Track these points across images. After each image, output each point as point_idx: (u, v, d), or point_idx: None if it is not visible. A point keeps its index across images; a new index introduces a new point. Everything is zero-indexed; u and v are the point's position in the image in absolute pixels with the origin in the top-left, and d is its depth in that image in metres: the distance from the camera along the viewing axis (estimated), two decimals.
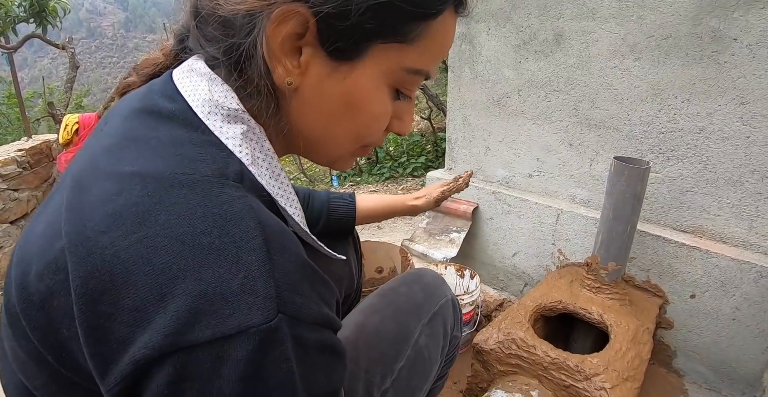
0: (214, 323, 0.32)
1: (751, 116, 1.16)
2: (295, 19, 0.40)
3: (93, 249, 0.34)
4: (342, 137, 0.49)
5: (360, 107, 0.46)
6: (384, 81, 0.46)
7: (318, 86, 0.44)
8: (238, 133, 0.42)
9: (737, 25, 1.13)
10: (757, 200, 1.20)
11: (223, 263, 0.33)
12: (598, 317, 1.16)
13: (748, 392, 1.27)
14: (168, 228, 0.34)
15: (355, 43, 0.42)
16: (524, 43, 1.55)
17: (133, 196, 0.35)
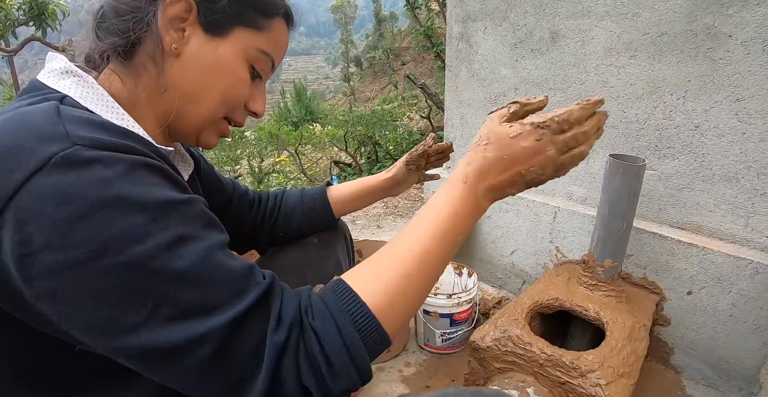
0: (19, 170, 0.40)
1: (746, 113, 1.16)
2: (181, 2, 0.56)
3: None
4: (211, 97, 0.61)
5: (225, 70, 0.60)
6: (243, 56, 0.61)
7: (196, 53, 0.59)
8: (69, 83, 0.54)
9: (732, 22, 1.13)
10: (753, 197, 1.20)
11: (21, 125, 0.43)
12: (595, 314, 1.16)
13: (745, 388, 1.28)
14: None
15: (223, 23, 0.59)
16: (520, 41, 1.55)
17: None
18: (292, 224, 0.99)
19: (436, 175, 1.12)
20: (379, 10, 28.56)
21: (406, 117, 5.99)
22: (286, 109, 20.53)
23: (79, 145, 0.42)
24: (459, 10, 1.71)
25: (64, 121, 0.44)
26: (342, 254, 1.02)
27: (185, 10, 0.57)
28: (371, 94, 22.86)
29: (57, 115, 0.44)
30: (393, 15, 28.67)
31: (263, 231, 0.98)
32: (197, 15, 0.58)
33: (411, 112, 6.09)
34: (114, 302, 0.41)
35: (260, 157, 7.13)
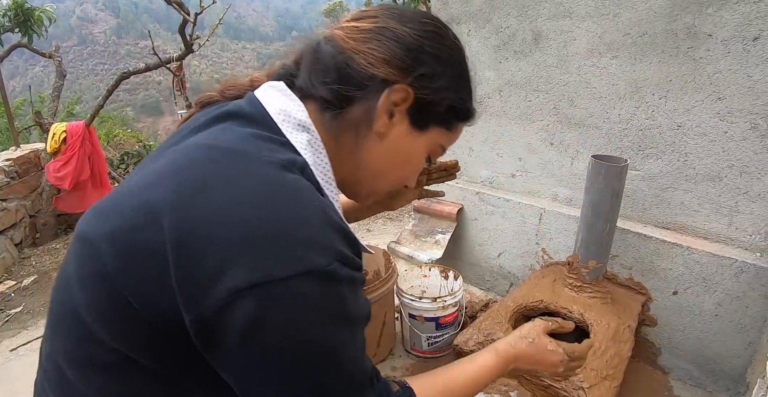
0: (288, 265, 0.43)
1: (727, 112, 1.16)
2: (404, 93, 0.58)
3: (190, 200, 0.45)
4: (390, 178, 0.66)
5: (412, 161, 0.66)
6: (428, 149, 0.66)
7: (395, 139, 0.61)
8: (305, 140, 0.56)
9: (711, 21, 1.14)
10: (736, 195, 1.20)
11: (296, 219, 0.45)
12: (579, 316, 1.16)
13: (732, 388, 1.27)
14: (252, 189, 0.46)
15: (428, 121, 0.62)
16: (504, 43, 1.55)
17: (226, 165, 0.48)
18: None
19: (440, 192, 1.09)
20: None
21: None
22: None
23: (338, 262, 0.47)
24: (443, 13, 1.71)
25: (330, 228, 0.48)
26: None
27: (403, 99, 0.59)
28: None
29: (326, 218, 0.48)
30: None
31: None
32: (408, 107, 0.60)
33: None
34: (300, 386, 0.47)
35: None
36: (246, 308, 0.42)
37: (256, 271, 0.42)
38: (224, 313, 0.42)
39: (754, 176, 1.16)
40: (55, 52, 3.57)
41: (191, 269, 0.43)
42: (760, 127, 1.13)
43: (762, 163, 1.15)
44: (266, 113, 0.56)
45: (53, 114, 3.46)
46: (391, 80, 0.57)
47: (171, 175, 0.48)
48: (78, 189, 3.28)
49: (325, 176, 0.58)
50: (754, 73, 1.11)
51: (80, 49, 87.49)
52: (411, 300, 1.34)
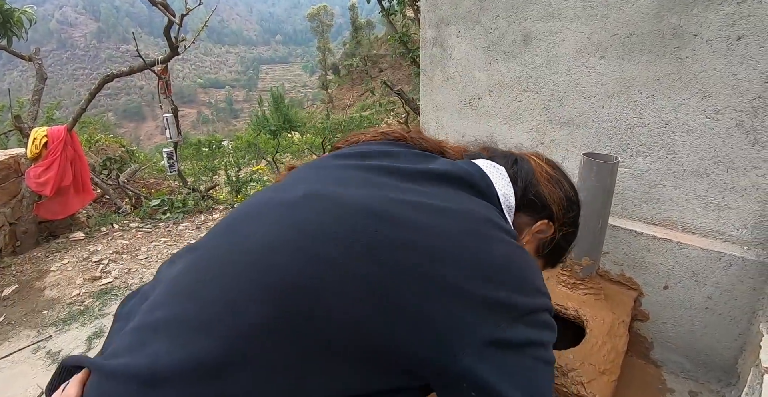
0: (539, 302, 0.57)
1: (713, 109, 1.19)
2: (549, 228, 0.74)
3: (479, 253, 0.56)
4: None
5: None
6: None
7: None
8: (511, 223, 0.68)
9: (697, 21, 1.16)
10: (723, 191, 1.23)
11: (533, 276, 0.59)
12: (574, 312, 1.17)
13: (724, 379, 1.30)
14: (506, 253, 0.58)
15: (545, 254, 0.78)
16: (493, 44, 1.56)
17: (471, 224, 0.58)
18: None
19: None
20: (356, 17, 28.69)
21: (384, 123, 6.01)
22: (263, 118, 20.38)
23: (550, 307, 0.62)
24: (432, 14, 1.72)
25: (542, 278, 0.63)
26: None
27: (547, 234, 0.75)
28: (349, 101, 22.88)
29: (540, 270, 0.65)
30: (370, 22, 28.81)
31: None
32: (543, 240, 0.75)
33: (389, 118, 6.10)
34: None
35: (237, 166, 7.05)
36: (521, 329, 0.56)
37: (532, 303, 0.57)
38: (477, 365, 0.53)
39: (740, 172, 1.19)
40: (35, 55, 3.50)
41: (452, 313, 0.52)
42: (745, 124, 1.15)
43: (747, 159, 1.17)
44: (495, 193, 0.68)
45: (33, 118, 3.39)
46: (554, 217, 0.73)
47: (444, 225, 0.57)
48: (60, 195, 3.21)
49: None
50: (738, 72, 1.13)
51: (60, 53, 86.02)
52: None
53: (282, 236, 0.54)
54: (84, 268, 2.97)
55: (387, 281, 0.50)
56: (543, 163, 0.78)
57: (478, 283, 0.53)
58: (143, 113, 71.78)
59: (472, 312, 0.51)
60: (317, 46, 37.70)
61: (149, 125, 67.44)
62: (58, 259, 3.11)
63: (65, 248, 3.30)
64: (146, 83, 66.17)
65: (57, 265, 3.02)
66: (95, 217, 3.87)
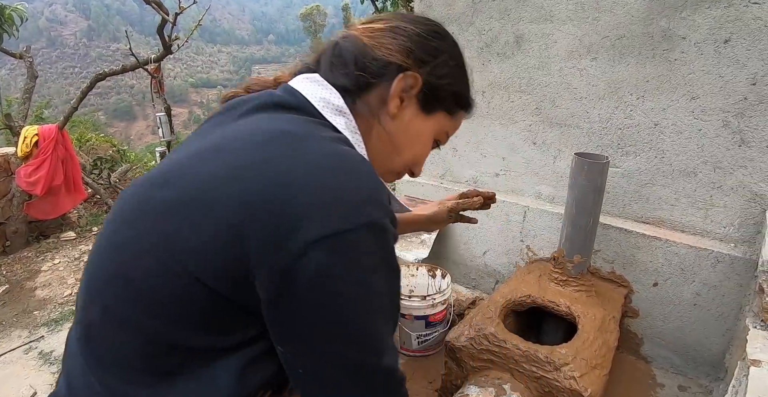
0: (352, 219, 0.51)
1: (701, 110, 1.22)
2: (413, 79, 0.66)
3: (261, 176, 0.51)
4: (402, 157, 0.73)
5: (423, 141, 0.73)
6: (434, 133, 0.74)
7: (405, 120, 0.70)
8: (342, 122, 0.65)
9: (685, 25, 1.19)
10: (711, 190, 1.26)
11: (358, 181, 0.54)
12: (566, 309, 1.19)
13: (712, 374, 1.33)
14: (318, 159, 0.53)
15: (435, 106, 0.71)
16: (486, 45, 1.58)
17: (284, 143, 0.55)
18: None
19: (473, 218, 1.19)
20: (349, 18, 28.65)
21: None
22: None
23: (388, 218, 0.55)
24: (427, 16, 1.73)
25: (383, 191, 0.57)
26: None
27: (413, 85, 0.68)
28: None
29: (380, 183, 0.57)
30: None
31: None
32: (418, 92, 0.69)
33: None
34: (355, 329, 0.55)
35: None
36: (317, 257, 0.49)
37: (327, 225, 0.50)
38: (298, 262, 0.49)
39: (726, 171, 1.22)
40: (25, 53, 3.48)
41: (268, 228, 0.50)
42: (732, 125, 1.18)
43: (734, 158, 1.20)
44: (307, 101, 0.64)
45: (23, 117, 3.37)
46: (405, 67, 0.66)
47: (230, 152, 0.55)
48: (51, 194, 3.18)
49: (361, 149, 0.66)
50: (725, 74, 1.16)
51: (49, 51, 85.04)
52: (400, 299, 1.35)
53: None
54: (75, 268, 2.95)
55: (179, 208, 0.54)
56: (368, 25, 0.71)
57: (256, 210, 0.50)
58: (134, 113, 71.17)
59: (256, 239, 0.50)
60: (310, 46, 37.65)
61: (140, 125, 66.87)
62: (49, 259, 3.10)
63: (56, 248, 3.28)
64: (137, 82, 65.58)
65: (48, 265, 3.00)
66: (86, 217, 3.85)
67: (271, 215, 0.50)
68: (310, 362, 0.56)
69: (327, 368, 0.56)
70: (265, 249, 0.50)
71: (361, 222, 0.51)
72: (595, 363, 1.01)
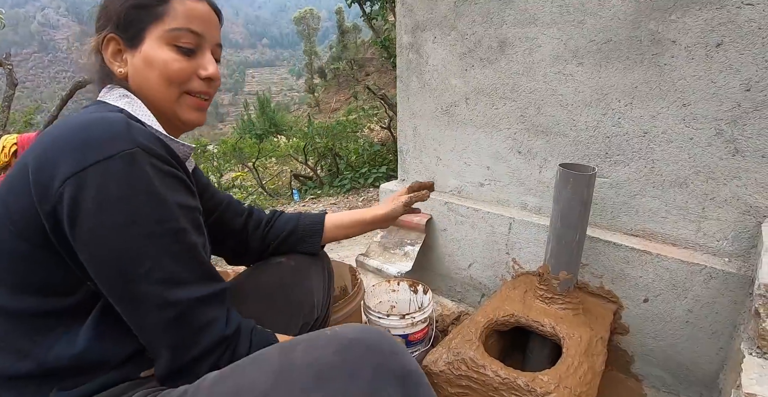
0: (96, 154, 0.59)
1: (692, 118, 1.16)
2: (110, 41, 0.75)
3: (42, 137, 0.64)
4: (157, 87, 0.76)
5: (153, 63, 0.75)
6: (161, 43, 0.75)
7: (133, 66, 0.76)
8: (118, 97, 0.74)
9: (675, 28, 1.13)
10: (704, 201, 1.20)
11: (104, 127, 0.62)
12: (551, 329, 1.13)
13: (705, 394, 1.26)
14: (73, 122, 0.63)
15: (136, 34, 0.75)
16: (470, 50, 1.52)
17: (66, 120, 0.66)
18: (281, 233, 1.09)
19: (417, 209, 1.23)
20: (342, 21, 28.65)
21: (367, 128, 5.96)
22: (249, 122, 20.20)
23: (140, 149, 0.61)
24: (408, 19, 1.68)
25: (132, 130, 0.63)
26: (318, 282, 1.05)
27: (115, 44, 0.75)
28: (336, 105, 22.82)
29: (127, 124, 0.63)
30: (356, 26, 28.75)
31: (256, 237, 1.08)
32: (123, 42, 0.75)
33: (372, 123, 6.06)
34: (126, 258, 0.60)
35: (219, 172, 6.93)
36: (69, 193, 0.58)
37: (76, 163, 0.58)
38: (60, 201, 0.58)
39: (720, 182, 1.16)
40: (5, 60, 3.39)
41: (39, 174, 0.59)
42: (725, 133, 1.12)
43: (727, 168, 1.14)
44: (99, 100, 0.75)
45: (3, 125, 3.28)
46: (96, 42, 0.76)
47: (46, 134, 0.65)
48: None
49: (142, 112, 0.73)
50: (717, 79, 1.10)
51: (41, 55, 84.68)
52: (378, 317, 1.28)
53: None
54: None
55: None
56: None
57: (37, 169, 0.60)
58: None
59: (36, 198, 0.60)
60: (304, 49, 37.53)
61: None
62: None
63: None
64: None
65: None
66: None
67: (40, 168, 0.59)
68: (113, 298, 0.63)
69: (119, 301, 0.62)
70: (39, 196, 0.59)
71: (105, 155, 0.59)
72: (580, 391, 0.94)
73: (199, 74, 0.78)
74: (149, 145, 0.63)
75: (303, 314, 0.96)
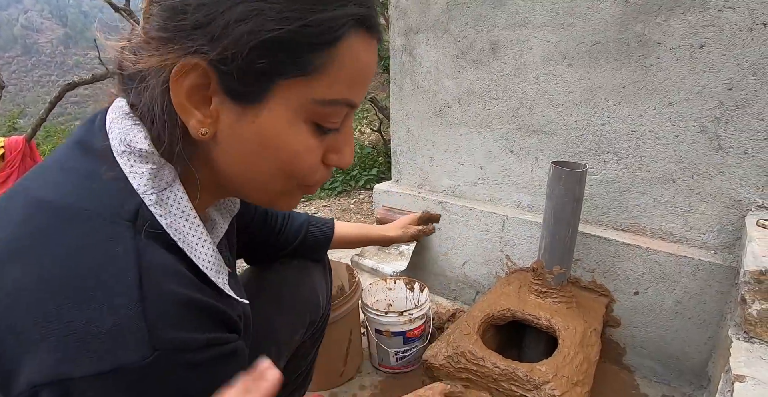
0: (90, 362, 0.36)
1: (678, 116, 1.20)
2: (194, 71, 0.42)
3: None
4: (267, 178, 0.49)
5: (276, 147, 0.46)
6: (298, 117, 0.46)
7: (232, 132, 0.45)
8: (146, 172, 0.44)
9: (660, 30, 1.17)
10: (689, 196, 1.24)
11: (96, 306, 0.37)
12: (546, 322, 1.16)
13: (695, 382, 1.31)
14: (52, 266, 0.37)
15: (254, 84, 0.43)
16: (462, 52, 1.56)
17: (34, 225, 0.40)
18: (289, 246, 0.99)
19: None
20: None
21: (357, 131, 5.99)
22: None
23: (162, 353, 0.38)
24: (401, 22, 1.71)
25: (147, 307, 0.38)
26: (319, 280, 1.03)
27: (201, 78, 0.42)
28: None
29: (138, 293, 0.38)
30: None
31: (268, 246, 0.97)
32: (218, 82, 0.43)
33: (362, 126, 6.09)
34: None
35: None
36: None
37: (53, 367, 0.35)
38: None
39: (705, 177, 1.20)
40: None
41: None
42: (709, 131, 1.17)
43: (712, 164, 1.19)
44: (109, 144, 0.45)
45: None
46: (162, 65, 0.42)
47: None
48: None
49: (181, 214, 0.46)
50: (701, 79, 1.15)
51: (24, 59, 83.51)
52: (377, 315, 1.31)
53: None
54: None
55: None
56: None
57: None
58: None
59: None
60: None
61: None
62: None
63: None
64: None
65: None
66: None
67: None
68: None
69: None
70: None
71: (101, 368, 0.36)
72: (577, 380, 0.97)
73: (329, 162, 0.52)
74: (183, 336, 0.40)
75: (310, 312, 0.95)
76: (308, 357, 1.03)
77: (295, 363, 0.99)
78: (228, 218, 0.65)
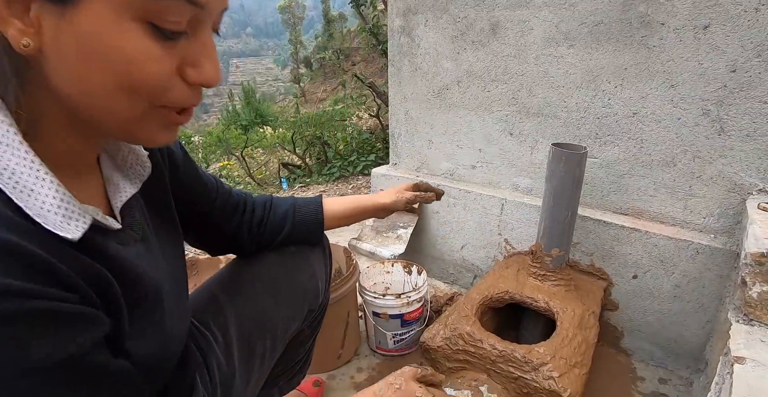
0: None
1: (680, 98, 1.18)
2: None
3: None
4: (106, 95, 0.41)
5: (103, 53, 0.39)
6: (124, 15, 0.38)
7: (55, 41, 0.38)
8: None
9: (664, 10, 1.15)
10: (690, 179, 1.23)
11: None
12: (545, 304, 1.15)
13: (692, 366, 1.31)
14: None
15: None
16: (462, 33, 1.53)
17: None
18: (278, 237, 0.92)
19: (418, 209, 1.22)
20: (328, 10, 28.31)
21: (356, 116, 5.95)
22: (234, 113, 19.94)
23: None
24: (400, 3, 1.67)
25: None
26: (318, 265, 0.97)
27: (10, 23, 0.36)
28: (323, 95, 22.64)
29: None
30: (342, 15, 28.42)
31: (249, 240, 0.90)
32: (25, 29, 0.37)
33: (360, 111, 6.05)
34: None
35: (206, 162, 6.87)
36: None
37: None
38: None
39: (706, 161, 1.19)
40: None
41: None
42: (711, 113, 1.15)
43: (713, 148, 1.17)
44: None
45: None
46: None
47: None
48: None
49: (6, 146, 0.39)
50: (704, 61, 1.13)
51: None
52: (374, 298, 1.30)
53: None
54: None
55: None
56: None
57: None
58: None
59: None
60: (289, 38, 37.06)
61: None
62: None
63: None
64: None
65: None
66: None
67: None
68: None
69: None
70: None
71: None
72: (575, 362, 0.97)
73: (187, 77, 0.44)
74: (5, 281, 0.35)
75: (309, 301, 0.91)
76: (306, 344, 1.01)
77: (294, 350, 0.97)
78: (138, 184, 0.59)
